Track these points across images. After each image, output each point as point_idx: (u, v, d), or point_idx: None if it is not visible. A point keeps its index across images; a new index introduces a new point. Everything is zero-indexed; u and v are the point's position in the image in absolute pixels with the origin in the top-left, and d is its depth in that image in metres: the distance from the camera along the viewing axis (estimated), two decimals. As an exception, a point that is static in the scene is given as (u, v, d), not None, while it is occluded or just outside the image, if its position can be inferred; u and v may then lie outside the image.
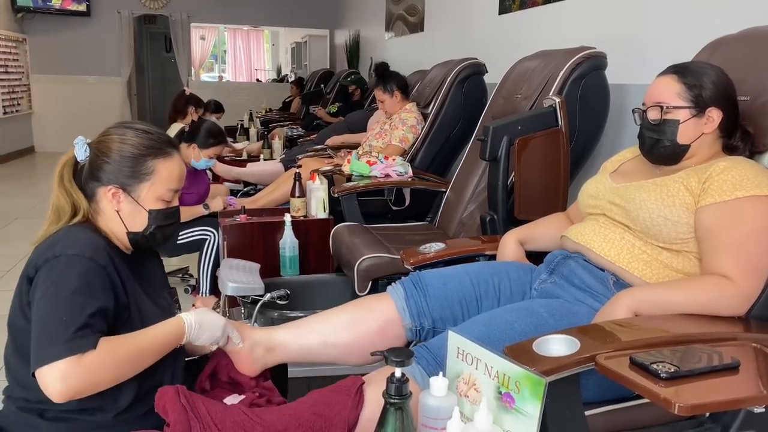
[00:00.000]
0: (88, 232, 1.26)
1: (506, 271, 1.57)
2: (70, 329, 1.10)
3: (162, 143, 1.33)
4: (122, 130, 1.32)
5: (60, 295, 1.13)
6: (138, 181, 1.30)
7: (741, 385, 1.00)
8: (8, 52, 8.14)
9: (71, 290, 1.14)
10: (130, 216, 1.30)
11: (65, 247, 1.18)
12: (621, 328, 1.20)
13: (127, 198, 1.30)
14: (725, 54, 1.59)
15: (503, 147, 2.13)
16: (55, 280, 1.15)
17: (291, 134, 5.47)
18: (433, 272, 1.56)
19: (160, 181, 1.31)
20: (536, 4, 3.33)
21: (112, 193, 1.29)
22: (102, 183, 1.29)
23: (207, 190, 3.38)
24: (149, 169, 1.30)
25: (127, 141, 1.30)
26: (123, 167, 1.29)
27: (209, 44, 12.30)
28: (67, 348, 1.09)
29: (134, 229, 1.31)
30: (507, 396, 0.96)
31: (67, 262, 1.16)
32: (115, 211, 1.30)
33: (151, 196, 1.31)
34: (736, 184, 1.28)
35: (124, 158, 1.29)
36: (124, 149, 1.29)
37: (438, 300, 1.48)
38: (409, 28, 5.61)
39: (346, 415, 1.17)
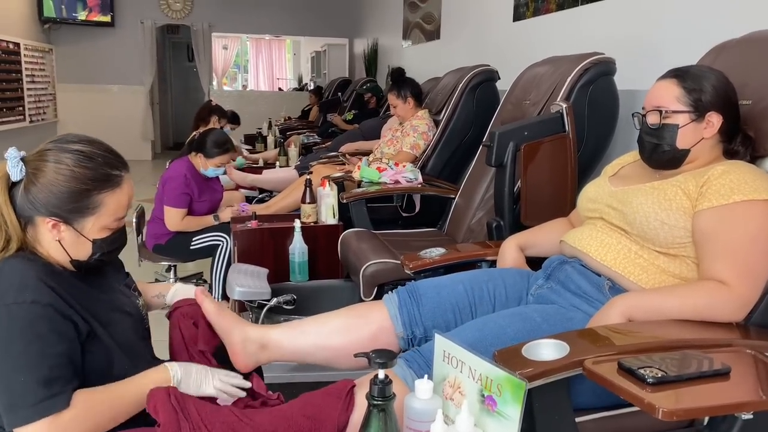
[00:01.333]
0: (21, 266, 1.13)
1: (502, 278, 1.56)
2: (37, 390, 1.04)
3: (110, 171, 1.19)
4: (62, 156, 1.17)
5: (11, 353, 1.05)
6: (82, 216, 1.18)
7: (729, 392, 0.99)
8: (35, 62, 8.32)
9: (23, 346, 1.05)
10: (72, 246, 1.19)
11: (17, 293, 1.08)
12: (613, 333, 1.19)
13: (69, 229, 1.18)
14: (728, 58, 1.57)
15: (509, 153, 2.12)
16: (13, 334, 1.06)
17: (307, 142, 5.51)
18: (428, 281, 1.56)
19: (107, 214, 1.20)
20: (549, 10, 3.32)
21: (52, 225, 1.17)
22: (41, 213, 1.16)
23: (220, 198, 3.42)
24: (95, 204, 1.18)
25: (69, 173, 1.15)
26: (65, 202, 1.16)
27: (231, 54, 12.45)
28: (38, 411, 1.04)
29: (78, 258, 1.21)
30: (489, 399, 0.96)
31: (8, 314, 1.06)
32: (55, 240, 1.18)
33: (95, 228, 1.20)
34: (734, 188, 1.26)
35: (66, 193, 1.15)
36: (67, 183, 1.15)
37: (431, 309, 1.47)
38: (425, 36, 5.63)
39: (336, 418, 1.18)
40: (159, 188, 3.30)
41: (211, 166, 3.23)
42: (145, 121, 9.40)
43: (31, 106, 8.15)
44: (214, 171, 3.27)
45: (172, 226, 3.13)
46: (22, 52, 7.90)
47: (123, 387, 1.17)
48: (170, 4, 9.35)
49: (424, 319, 1.46)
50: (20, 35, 7.93)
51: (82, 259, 1.21)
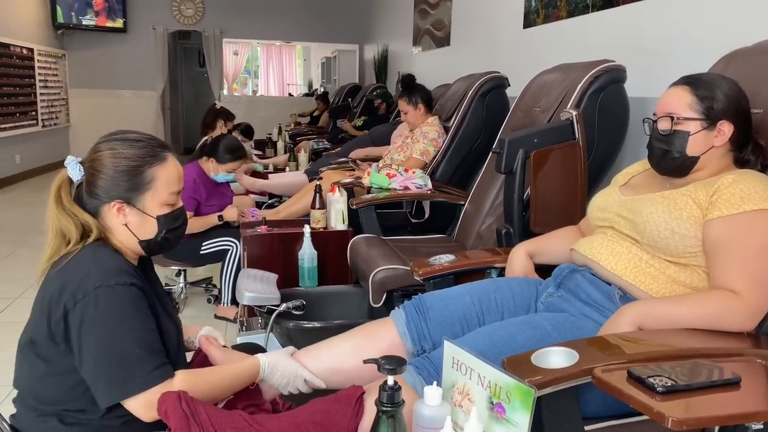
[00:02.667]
0: (110, 253, 1.25)
1: (509, 287, 1.56)
2: (151, 358, 1.16)
3: (155, 148, 1.31)
4: (112, 143, 1.29)
5: (124, 328, 1.15)
6: (140, 192, 1.28)
7: (739, 401, 0.98)
8: (48, 67, 8.41)
9: (132, 321, 1.17)
10: (139, 226, 1.30)
11: (101, 277, 1.17)
12: (623, 341, 1.18)
13: (132, 210, 1.28)
14: (739, 66, 1.57)
15: (519, 160, 2.12)
16: (107, 314, 1.15)
17: (316, 147, 5.53)
18: (434, 294, 1.56)
19: (162, 187, 1.30)
20: (560, 18, 3.33)
21: (117, 208, 1.27)
22: (104, 200, 1.28)
23: (229, 203, 3.44)
24: (149, 178, 1.28)
25: (120, 154, 1.27)
26: (122, 181, 1.27)
27: (242, 59, 12.52)
28: (154, 377, 1.15)
29: (146, 237, 1.31)
30: (498, 406, 0.96)
31: (112, 293, 1.16)
32: (123, 224, 1.29)
33: (155, 203, 1.30)
34: (744, 198, 1.26)
35: (121, 172, 1.27)
36: (120, 163, 1.27)
37: (438, 322, 1.47)
38: (435, 43, 5.64)
39: (345, 425, 1.18)
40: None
41: (222, 171, 3.26)
42: (156, 126, 9.46)
43: (44, 110, 8.24)
44: (225, 176, 3.30)
45: (178, 229, 3.14)
46: (36, 57, 8.00)
47: (220, 371, 1.30)
48: (182, 10, 9.43)
49: (432, 333, 1.46)
50: (34, 41, 8.02)
51: (150, 237, 1.31)
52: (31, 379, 1.24)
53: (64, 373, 1.20)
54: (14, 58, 7.44)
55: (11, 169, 7.45)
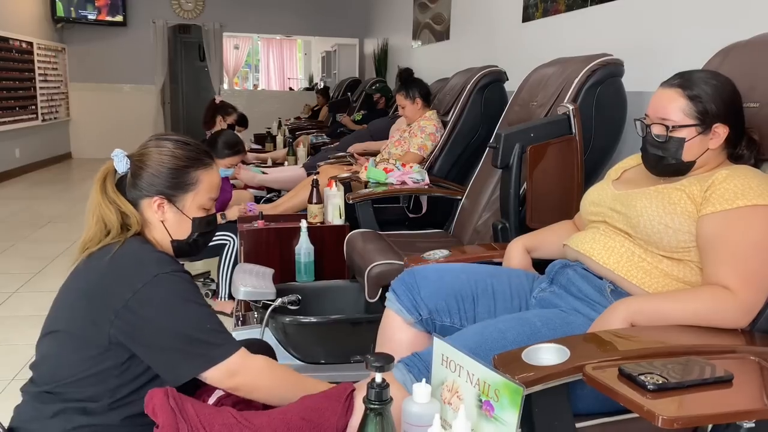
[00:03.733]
0: (150, 246, 1.30)
1: (507, 275, 1.56)
2: (222, 329, 1.22)
3: (202, 154, 1.37)
4: (162, 142, 1.35)
5: (194, 308, 1.22)
6: (183, 192, 1.33)
7: (731, 399, 0.97)
8: (48, 61, 8.39)
9: (194, 301, 1.22)
10: (175, 225, 1.34)
11: (158, 266, 1.22)
12: (615, 338, 1.17)
13: (171, 208, 1.33)
14: (736, 60, 1.55)
15: (515, 154, 2.11)
16: (173, 297, 1.20)
17: (315, 141, 5.52)
18: (429, 266, 1.58)
19: (203, 191, 1.35)
20: (558, 12, 3.30)
21: (158, 204, 1.32)
22: (146, 194, 1.32)
23: (229, 198, 3.43)
24: (193, 180, 1.33)
25: (170, 153, 1.32)
26: (168, 178, 1.32)
27: (243, 53, 12.49)
28: (229, 348, 1.21)
29: (178, 237, 1.35)
30: (487, 404, 0.95)
31: (172, 279, 1.21)
32: (160, 221, 1.33)
33: (194, 205, 1.35)
34: (738, 193, 1.25)
35: (169, 170, 1.31)
36: (170, 161, 1.32)
37: (432, 291, 1.48)
38: (435, 37, 5.62)
39: (335, 422, 1.17)
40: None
41: (222, 166, 3.25)
42: (156, 121, 9.44)
43: (44, 105, 8.23)
44: (224, 171, 3.29)
45: (179, 225, 3.14)
46: (35, 51, 7.98)
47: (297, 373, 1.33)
48: (182, 3, 9.39)
49: (426, 300, 1.47)
50: (33, 35, 8.00)
51: (182, 238, 1.35)
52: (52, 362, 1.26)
53: (91, 359, 1.21)
54: (14, 52, 7.43)
55: (11, 163, 7.45)
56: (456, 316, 1.47)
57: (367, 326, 2.28)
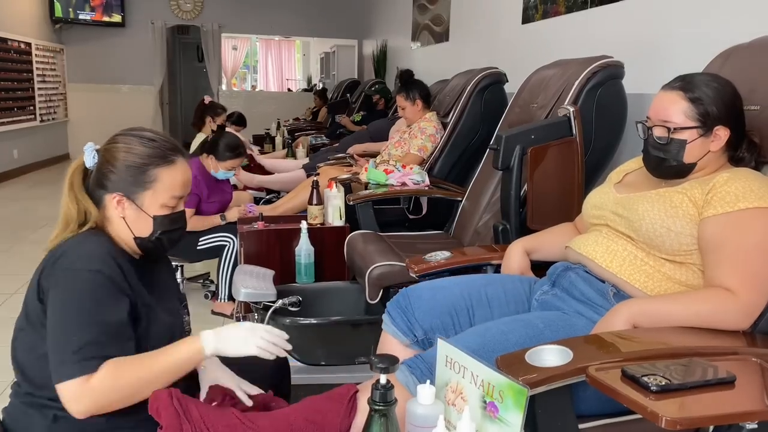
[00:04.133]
0: (97, 240, 1.27)
1: (501, 282, 1.56)
2: (78, 349, 1.13)
3: (166, 151, 1.32)
4: (128, 138, 1.33)
5: (69, 312, 1.16)
6: (141, 189, 1.30)
7: (734, 400, 0.98)
8: (46, 62, 8.39)
9: (79, 307, 1.16)
10: (135, 222, 1.31)
11: (72, 260, 1.20)
12: (617, 339, 1.18)
13: (131, 205, 1.30)
14: (737, 63, 1.56)
15: (516, 156, 2.12)
16: (64, 297, 1.18)
17: (315, 143, 5.52)
18: (423, 284, 1.57)
19: (163, 189, 1.31)
20: (559, 13, 3.31)
21: (117, 201, 1.30)
22: (107, 190, 1.31)
23: (229, 200, 3.43)
24: (151, 178, 1.30)
25: (132, 150, 1.30)
26: (127, 176, 1.29)
27: (241, 54, 12.49)
28: (75, 369, 1.13)
29: (140, 235, 1.32)
30: (491, 405, 0.95)
31: (74, 277, 1.18)
32: (120, 217, 1.31)
33: (154, 203, 1.31)
34: (740, 196, 1.25)
35: (128, 167, 1.29)
36: (128, 158, 1.30)
37: (426, 311, 1.47)
38: (434, 38, 5.62)
39: (338, 423, 1.18)
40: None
41: (222, 169, 3.25)
42: (154, 121, 9.44)
43: (42, 105, 8.22)
44: (224, 174, 3.29)
45: (179, 225, 3.14)
46: (34, 52, 7.97)
47: (152, 357, 1.21)
48: (180, 4, 9.39)
49: (421, 321, 1.47)
50: (32, 35, 7.99)
51: (144, 236, 1.32)
52: (23, 358, 1.26)
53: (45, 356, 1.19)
54: (12, 53, 7.42)
55: (9, 163, 7.44)
56: (452, 331, 1.46)
57: (368, 328, 2.28)
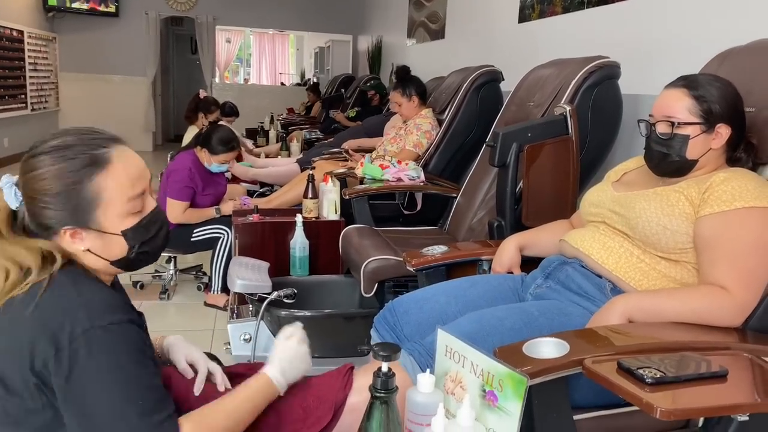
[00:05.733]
0: (94, 283, 1.05)
1: (486, 281, 1.59)
2: (154, 411, 0.97)
3: (92, 150, 1.05)
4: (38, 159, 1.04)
5: (123, 377, 0.96)
6: (87, 212, 1.04)
7: (726, 393, 1.00)
8: (38, 50, 8.32)
9: (132, 368, 0.97)
10: (104, 247, 1.08)
11: (91, 316, 0.96)
12: (613, 333, 1.20)
13: (89, 233, 1.06)
14: (733, 65, 1.58)
15: (512, 153, 2.13)
16: (104, 363, 0.95)
17: (309, 137, 5.52)
18: (409, 296, 1.57)
19: (114, 197, 1.05)
20: (555, 13, 3.34)
21: (71, 234, 1.05)
22: (52, 229, 1.05)
23: (223, 192, 3.43)
24: (92, 194, 1.04)
25: (48, 173, 1.03)
26: (63, 205, 1.03)
27: (235, 47, 12.45)
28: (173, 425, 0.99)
29: (117, 257, 1.09)
30: (491, 394, 0.97)
31: (107, 337, 0.96)
32: (85, 250, 1.07)
33: (113, 217, 1.06)
34: (736, 195, 1.28)
35: (58, 195, 1.03)
36: (53, 185, 1.02)
37: (414, 325, 1.48)
38: (430, 35, 5.64)
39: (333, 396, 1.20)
40: (163, 180, 3.31)
41: (215, 162, 3.25)
42: (147, 113, 9.40)
43: (33, 94, 8.16)
44: (218, 167, 3.29)
45: (173, 218, 3.14)
46: (26, 40, 7.91)
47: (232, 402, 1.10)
48: (175, -5, 9.36)
49: (410, 336, 1.46)
50: (24, 23, 7.93)
51: (122, 256, 1.09)
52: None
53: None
54: (4, 40, 7.36)
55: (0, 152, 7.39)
56: None
57: (361, 321, 2.31)
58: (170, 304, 3.37)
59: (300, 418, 1.18)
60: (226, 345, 2.35)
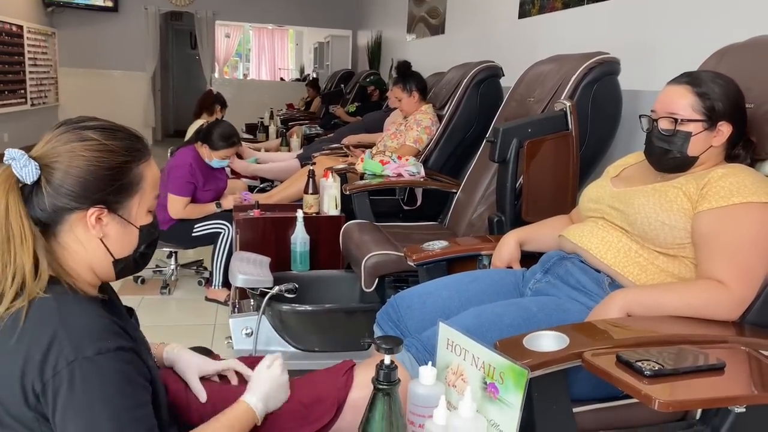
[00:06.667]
0: (79, 302, 0.97)
1: (487, 276, 1.60)
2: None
3: (138, 142, 1.05)
4: (84, 132, 0.99)
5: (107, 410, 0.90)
6: (127, 195, 1.02)
7: (723, 385, 1.02)
8: (38, 45, 8.32)
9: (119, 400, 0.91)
10: (118, 240, 1.03)
11: (78, 345, 0.90)
12: (612, 327, 1.22)
13: (114, 219, 1.01)
14: (732, 62, 1.59)
15: (513, 149, 2.15)
16: (87, 397, 0.89)
17: (309, 133, 5.53)
18: (412, 291, 1.58)
19: (150, 190, 1.05)
20: (555, 9, 3.34)
21: (96, 217, 0.99)
22: (76, 206, 0.98)
23: (224, 187, 3.45)
24: (137, 177, 1.02)
25: (102, 147, 0.99)
26: (107, 181, 0.99)
27: (234, 42, 12.43)
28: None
29: (122, 255, 1.04)
30: (492, 386, 0.99)
31: (93, 367, 0.90)
32: (98, 239, 1.01)
33: (142, 210, 1.05)
34: (734, 191, 1.29)
35: (106, 169, 0.98)
36: (104, 158, 0.98)
37: (418, 320, 1.49)
38: (430, 31, 5.64)
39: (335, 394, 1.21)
40: (164, 175, 3.32)
41: (215, 158, 3.26)
42: (146, 108, 9.40)
43: (33, 89, 8.16)
44: (219, 162, 3.30)
45: (174, 213, 3.15)
46: (25, 35, 7.90)
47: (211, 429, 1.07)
48: (174, -10, 9.34)
49: (413, 332, 1.46)
50: (23, 18, 7.92)
51: (127, 254, 1.05)
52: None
53: None
54: (3, 35, 7.35)
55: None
56: None
57: (362, 315, 2.32)
58: (171, 298, 3.38)
59: (301, 416, 1.20)
60: (227, 339, 2.36)
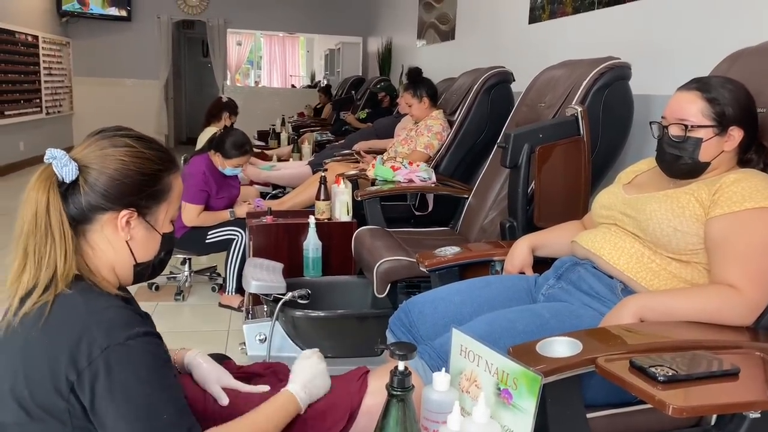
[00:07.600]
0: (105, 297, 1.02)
1: (500, 281, 1.60)
2: (181, 422, 0.97)
3: (168, 154, 1.14)
4: (124, 140, 1.07)
5: (145, 392, 0.94)
6: (157, 202, 1.10)
7: (737, 391, 1.02)
8: (52, 55, 8.42)
9: (156, 382, 0.96)
10: (142, 244, 1.10)
11: (110, 333, 0.94)
12: (625, 332, 1.22)
13: (141, 223, 1.08)
14: (744, 66, 1.59)
15: (524, 154, 2.15)
16: (123, 381, 0.93)
17: (320, 139, 5.56)
18: (425, 296, 1.59)
19: (175, 200, 1.14)
20: (565, 14, 3.35)
21: (126, 219, 1.06)
22: (110, 209, 1.05)
23: (237, 195, 3.47)
24: (167, 186, 1.11)
25: (141, 153, 1.07)
26: (142, 186, 1.06)
27: (245, 50, 12.52)
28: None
29: (144, 259, 1.11)
30: (505, 392, 0.99)
31: (125, 353, 0.94)
32: (124, 241, 1.07)
33: (167, 218, 1.13)
34: (746, 196, 1.29)
35: (143, 175, 1.06)
36: (141, 164, 1.06)
37: (430, 326, 1.49)
38: (440, 37, 5.66)
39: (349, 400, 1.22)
40: (177, 183, 3.35)
41: (228, 166, 3.29)
42: (159, 116, 9.48)
43: (48, 98, 8.26)
44: (232, 170, 3.33)
45: (188, 221, 3.18)
46: (41, 45, 8.02)
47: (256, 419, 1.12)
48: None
49: (425, 337, 1.47)
50: (39, 28, 8.03)
51: (148, 259, 1.12)
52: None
53: None
54: (19, 45, 7.46)
55: (15, 156, 7.48)
56: None
57: (374, 321, 2.33)
58: (185, 305, 3.41)
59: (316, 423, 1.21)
60: (241, 345, 2.38)
